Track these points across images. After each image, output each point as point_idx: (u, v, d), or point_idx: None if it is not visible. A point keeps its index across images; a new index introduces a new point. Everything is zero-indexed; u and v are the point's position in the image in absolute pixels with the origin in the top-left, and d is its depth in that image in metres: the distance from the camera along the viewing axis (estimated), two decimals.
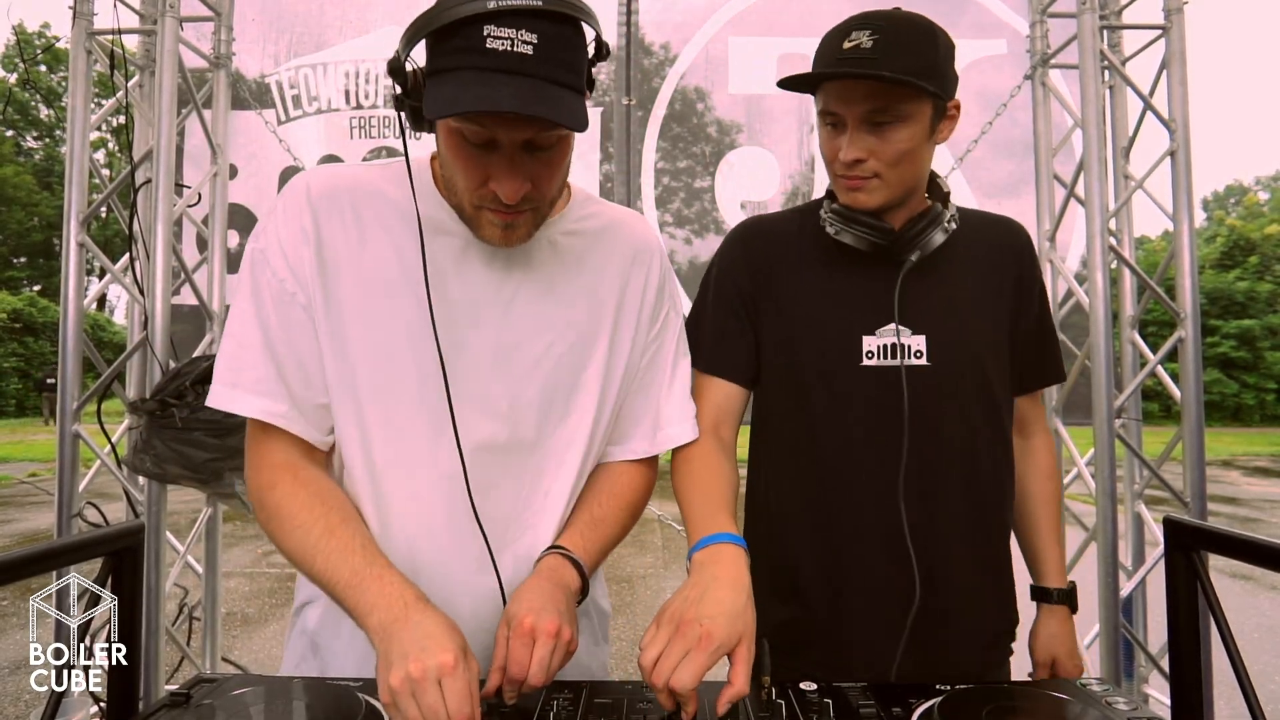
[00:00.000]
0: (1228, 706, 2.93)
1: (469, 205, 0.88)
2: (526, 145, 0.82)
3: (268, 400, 0.90)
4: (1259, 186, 54.68)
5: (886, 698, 0.85)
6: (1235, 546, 0.75)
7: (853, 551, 1.10)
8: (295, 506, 0.88)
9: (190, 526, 2.64)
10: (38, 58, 27.66)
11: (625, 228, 1.05)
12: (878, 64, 0.96)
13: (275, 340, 0.90)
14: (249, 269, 0.91)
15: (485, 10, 0.73)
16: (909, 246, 1.07)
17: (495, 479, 0.95)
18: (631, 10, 2.80)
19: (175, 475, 2.22)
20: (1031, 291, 1.17)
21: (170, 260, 2.27)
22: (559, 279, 0.97)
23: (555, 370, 0.96)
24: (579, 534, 0.99)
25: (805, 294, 1.13)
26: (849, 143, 1.02)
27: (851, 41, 0.98)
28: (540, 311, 0.95)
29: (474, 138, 0.81)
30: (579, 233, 1.00)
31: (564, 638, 0.83)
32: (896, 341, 1.08)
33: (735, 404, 1.16)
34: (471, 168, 0.84)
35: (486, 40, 0.74)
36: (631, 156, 2.82)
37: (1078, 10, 2.33)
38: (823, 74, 1.00)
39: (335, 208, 0.91)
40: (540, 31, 0.75)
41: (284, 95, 2.81)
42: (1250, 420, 24.74)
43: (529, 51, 0.74)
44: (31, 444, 15.12)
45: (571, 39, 0.79)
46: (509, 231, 0.88)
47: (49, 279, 31.21)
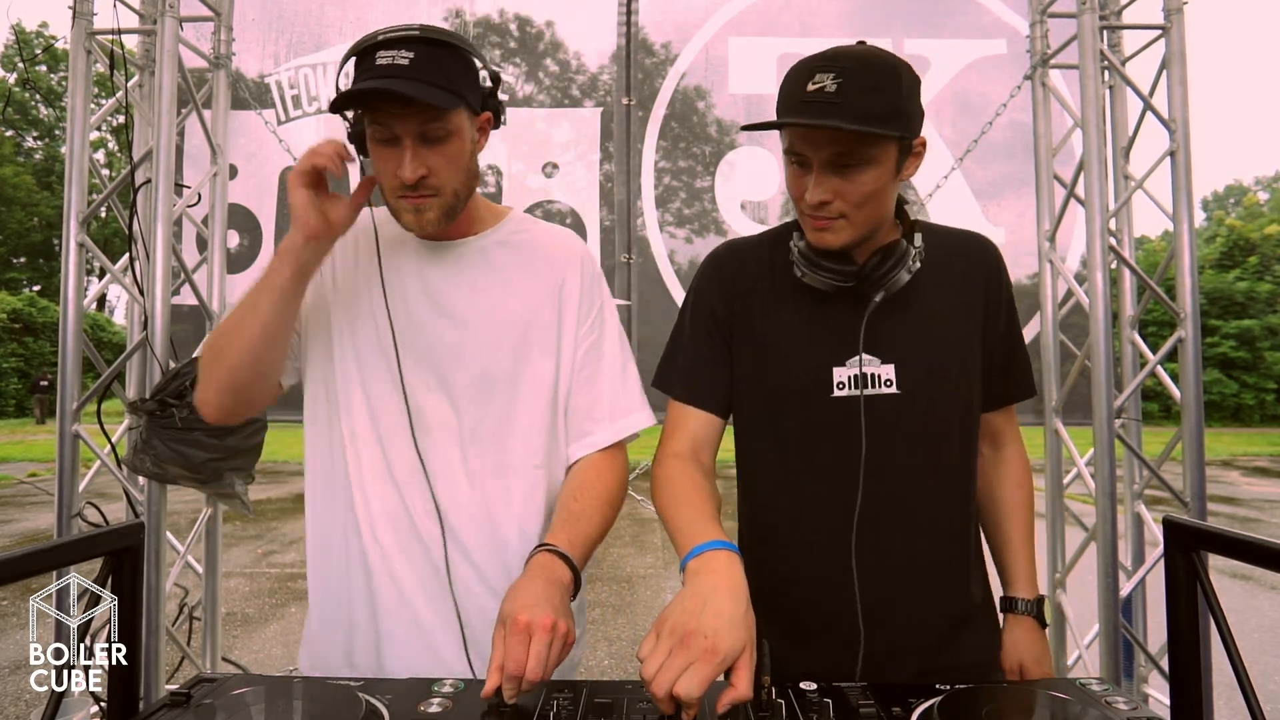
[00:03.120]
0: (1227, 706, 2.93)
1: (391, 199, 1.06)
2: (421, 137, 1.01)
3: None
4: (1259, 187, 54.72)
5: (886, 697, 0.85)
6: (1235, 546, 0.75)
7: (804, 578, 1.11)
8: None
9: (190, 526, 2.63)
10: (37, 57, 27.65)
11: (553, 238, 1.21)
12: (841, 110, 0.94)
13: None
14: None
15: (376, 41, 0.99)
16: (874, 287, 1.07)
17: (451, 458, 1.09)
18: (631, 10, 2.81)
19: (175, 475, 2.22)
20: (999, 308, 1.16)
21: (170, 260, 2.27)
22: (481, 282, 1.14)
23: (493, 359, 1.11)
24: (563, 530, 1.03)
25: (777, 325, 1.14)
26: (814, 185, 1.01)
27: (815, 84, 0.95)
28: (468, 307, 1.12)
29: (379, 135, 1.02)
30: (509, 244, 1.17)
31: (560, 631, 0.86)
32: (862, 372, 1.08)
33: (712, 432, 1.17)
34: (385, 162, 1.03)
35: (377, 60, 0.98)
36: (631, 156, 2.82)
37: (1078, 10, 2.33)
38: (785, 123, 0.98)
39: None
40: (416, 51, 0.98)
41: (284, 95, 2.81)
42: (1250, 420, 24.75)
43: (405, 63, 0.97)
44: (31, 444, 15.13)
45: (444, 57, 1.00)
46: (419, 215, 1.05)
47: (49, 279, 31.22)
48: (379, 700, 0.83)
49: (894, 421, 1.08)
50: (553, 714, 0.81)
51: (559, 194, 2.82)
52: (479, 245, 1.16)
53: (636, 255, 2.81)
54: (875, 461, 1.07)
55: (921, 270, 1.09)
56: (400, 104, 0.98)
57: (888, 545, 1.08)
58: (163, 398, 2.18)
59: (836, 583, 1.08)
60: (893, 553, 1.08)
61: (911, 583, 1.09)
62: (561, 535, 1.02)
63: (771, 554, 1.14)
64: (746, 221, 2.83)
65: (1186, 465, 2.33)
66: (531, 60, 2.88)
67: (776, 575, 1.12)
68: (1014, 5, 2.75)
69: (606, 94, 2.85)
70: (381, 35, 0.98)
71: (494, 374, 1.11)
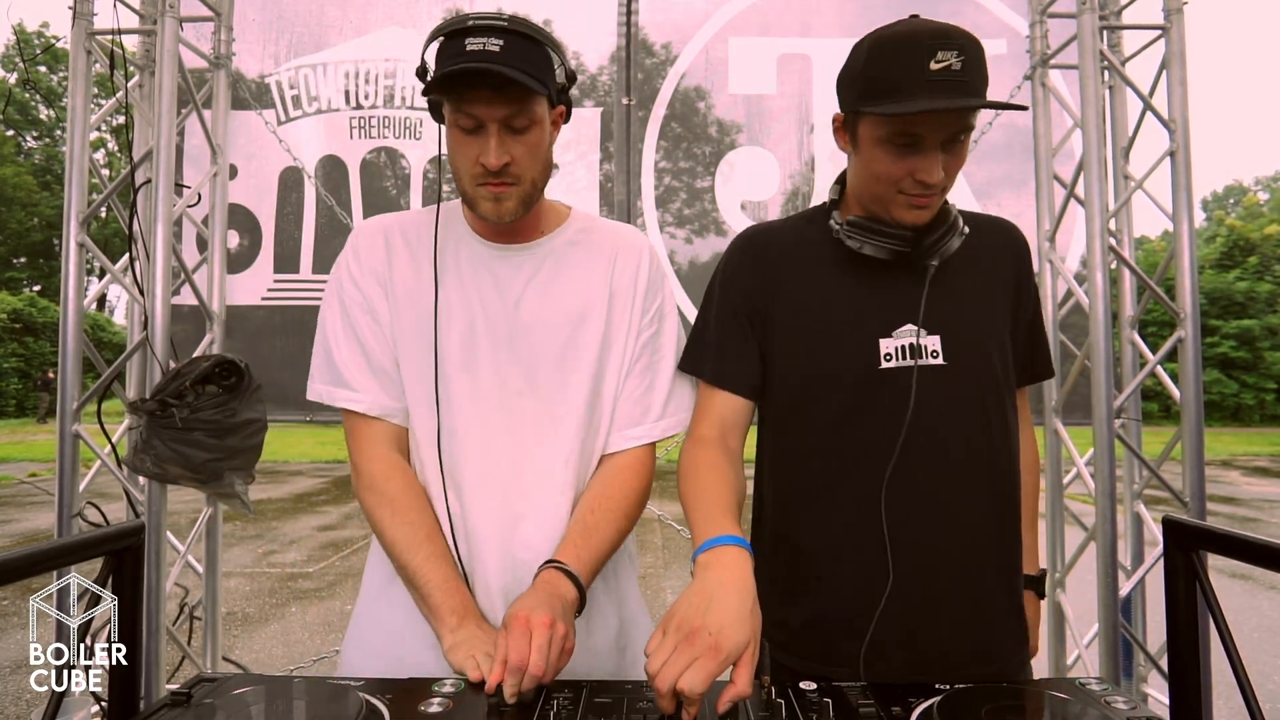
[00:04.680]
0: (1227, 706, 2.93)
1: (469, 186, 1.06)
2: (505, 126, 1.01)
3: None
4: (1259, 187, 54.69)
5: (886, 697, 0.85)
6: (1235, 546, 0.76)
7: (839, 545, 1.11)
8: (408, 502, 1.07)
9: (190, 526, 2.64)
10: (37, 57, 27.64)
11: (616, 233, 1.21)
12: (969, 88, 0.95)
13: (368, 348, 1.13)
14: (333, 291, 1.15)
15: (465, 26, 0.99)
16: (929, 253, 1.08)
17: (482, 431, 1.10)
18: (631, 10, 2.81)
19: (175, 475, 2.22)
20: (1028, 289, 1.19)
21: (170, 260, 2.27)
22: (558, 279, 1.14)
23: (558, 350, 1.12)
24: (573, 546, 1.04)
25: (818, 300, 1.13)
26: (933, 163, 1.00)
27: (940, 62, 0.95)
28: (542, 306, 1.12)
29: (464, 124, 1.02)
30: (576, 243, 1.17)
31: (559, 632, 0.88)
32: (915, 342, 1.08)
33: (741, 416, 1.16)
34: (466, 150, 1.03)
35: (466, 45, 0.98)
36: (632, 156, 2.82)
37: (1077, 10, 2.33)
38: (929, 107, 0.95)
39: (390, 243, 1.15)
40: (505, 39, 0.98)
41: (284, 95, 2.81)
42: (1250, 420, 24.75)
43: (497, 49, 0.97)
44: (31, 444, 15.12)
45: (531, 50, 1.01)
46: (499, 204, 1.05)
47: (49, 279, 31.21)
48: (379, 700, 0.83)
49: (941, 392, 1.08)
50: (553, 714, 0.81)
51: (559, 194, 2.80)
52: (549, 247, 1.16)
53: None
54: (919, 433, 1.07)
55: (959, 248, 1.11)
56: (493, 88, 0.98)
57: (926, 522, 1.08)
58: (163, 398, 2.18)
59: (868, 564, 1.07)
60: (929, 535, 1.07)
61: (947, 568, 1.08)
62: (571, 551, 1.03)
63: (801, 524, 1.14)
64: (747, 221, 2.83)
65: (1186, 465, 2.33)
66: None
67: (805, 545, 1.13)
68: (1014, 5, 2.75)
69: (606, 94, 2.85)
70: (471, 20, 0.99)
71: (554, 363, 1.13)
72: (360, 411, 1.11)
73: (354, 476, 1.12)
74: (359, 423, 1.12)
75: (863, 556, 1.08)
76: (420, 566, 1.02)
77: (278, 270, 2.80)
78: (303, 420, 2.81)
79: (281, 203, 2.81)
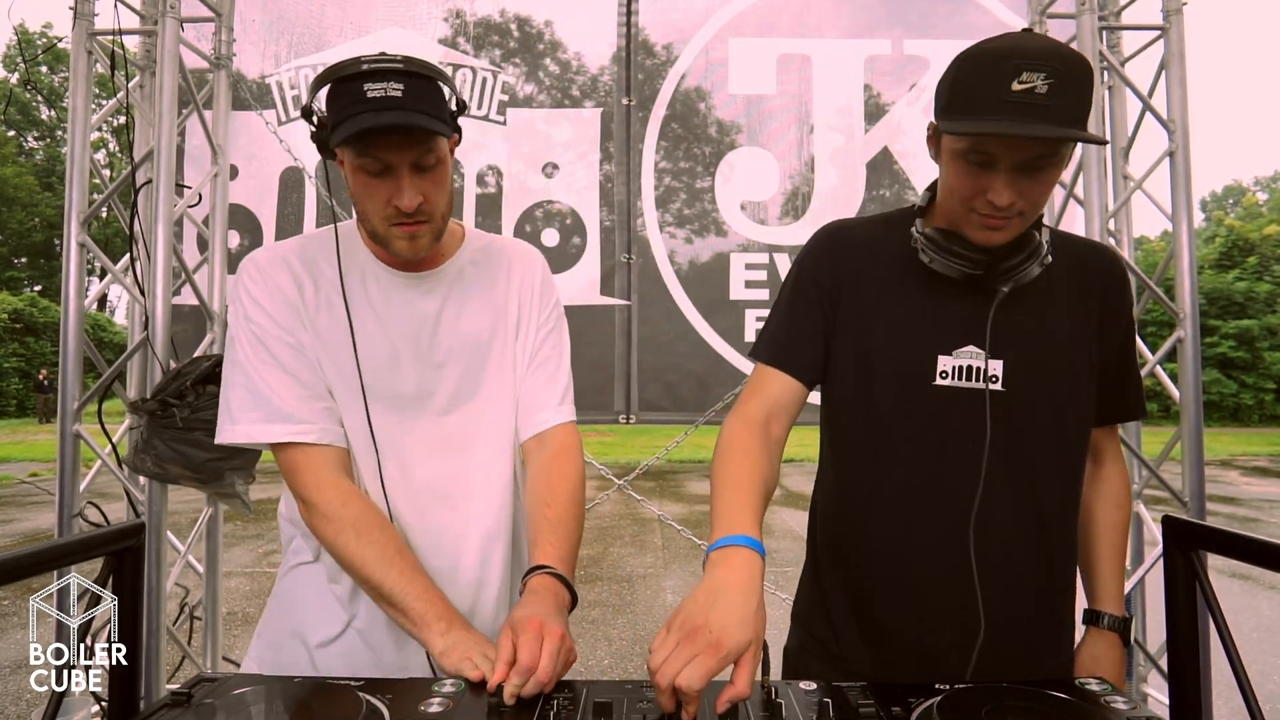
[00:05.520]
0: (1227, 706, 2.93)
1: (380, 227, 1.07)
2: (414, 167, 1.03)
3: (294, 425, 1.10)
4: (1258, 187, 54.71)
5: (886, 697, 0.85)
6: (1234, 546, 0.76)
7: (916, 573, 1.10)
8: (370, 522, 1.06)
9: (191, 526, 2.64)
10: (39, 58, 27.65)
11: (509, 247, 1.27)
12: (1055, 114, 0.90)
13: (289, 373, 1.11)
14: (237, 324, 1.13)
15: (361, 71, 0.99)
16: (1002, 278, 1.05)
17: (423, 451, 1.15)
18: (631, 11, 2.81)
19: (176, 475, 2.22)
20: (1116, 321, 1.12)
21: (171, 260, 2.28)
22: (467, 299, 1.19)
23: (477, 366, 1.18)
24: (550, 546, 1.07)
25: (887, 307, 1.12)
26: (1004, 186, 0.97)
27: (1023, 84, 0.90)
28: (457, 326, 1.17)
29: (372, 168, 1.03)
30: (477, 262, 1.22)
31: (567, 644, 0.91)
32: (973, 364, 1.06)
33: (792, 400, 1.14)
34: (375, 192, 1.05)
35: (367, 92, 0.98)
36: (632, 156, 2.82)
37: (1077, 11, 2.33)
38: (1007, 132, 0.91)
39: (294, 272, 1.14)
40: (404, 83, 0.99)
41: (284, 96, 2.81)
42: (1249, 420, 24.75)
43: (399, 94, 0.98)
44: (32, 444, 15.12)
45: (428, 90, 1.03)
46: (414, 241, 1.08)
47: (50, 279, 31.22)
48: (379, 700, 0.83)
49: (999, 418, 1.06)
50: (553, 714, 0.82)
51: (559, 194, 2.82)
52: (456, 267, 1.20)
53: (636, 255, 2.81)
54: (969, 456, 1.05)
55: (1041, 271, 1.07)
56: (401, 134, 1.00)
57: (968, 541, 1.06)
58: (164, 398, 2.19)
59: (954, 575, 1.07)
60: (970, 548, 1.06)
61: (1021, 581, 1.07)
62: (551, 551, 1.06)
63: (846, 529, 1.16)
64: (747, 221, 2.83)
65: (1186, 465, 2.33)
66: (531, 60, 2.88)
67: (849, 539, 1.15)
68: (1014, 6, 2.75)
69: (607, 94, 2.85)
70: (366, 64, 0.98)
71: (467, 375, 1.18)
72: (310, 442, 1.08)
73: (304, 511, 1.09)
74: (298, 454, 1.09)
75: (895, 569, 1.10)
76: (396, 581, 1.02)
77: None
78: None
79: (282, 203, 2.81)
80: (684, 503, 9.54)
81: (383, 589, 1.02)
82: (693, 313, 2.82)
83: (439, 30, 2.85)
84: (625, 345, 2.79)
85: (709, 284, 2.82)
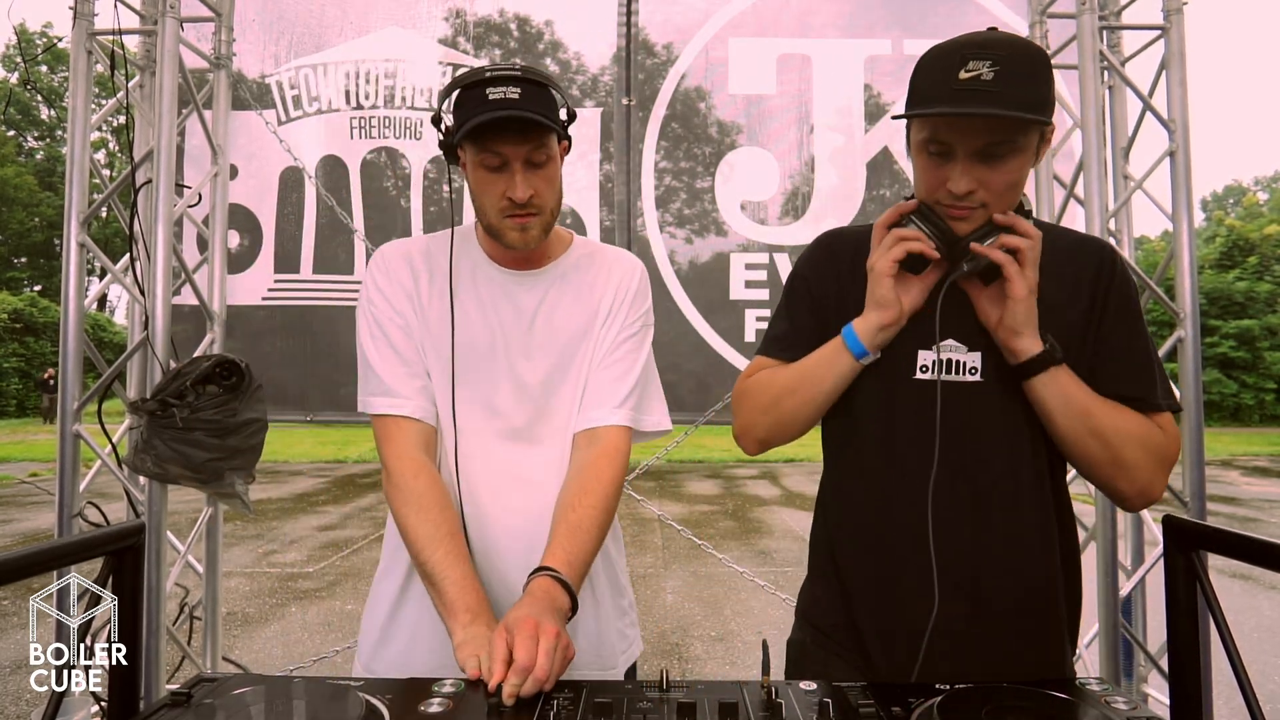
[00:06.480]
0: (1227, 706, 2.93)
1: (495, 219, 1.16)
2: (527, 163, 1.12)
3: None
4: (1258, 187, 54.73)
5: (886, 697, 0.85)
6: (1235, 546, 0.76)
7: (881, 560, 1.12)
8: (433, 499, 1.12)
9: (191, 526, 2.64)
10: (39, 58, 27.65)
11: (613, 255, 1.33)
12: (998, 98, 0.93)
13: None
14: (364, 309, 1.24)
15: (484, 78, 1.09)
16: (964, 254, 1.05)
17: (503, 438, 1.22)
18: (632, 11, 2.81)
19: (176, 475, 2.22)
20: (1107, 308, 1.10)
21: (170, 260, 2.28)
22: (564, 299, 1.25)
23: (564, 363, 1.23)
24: (562, 549, 1.07)
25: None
26: (960, 174, 1.00)
27: (970, 71, 0.94)
28: (550, 324, 1.24)
29: (490, 162, 1.12)
30: (580, 266, 1.28)
31: (563, 642, 0.91)
32: (954, 358, 1.09)
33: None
34: (491, 187, 1.14)
35: (489, 95, 1.08)
36: (632, 156, 2.82)
37: (1077, 11, 2.33)
38: (950, 111, 0.95)
39: (413, 266, 1.24)
40: (522, 88, 1.09)
41: (284, 96, 2.81)
42: (1249, 420, 24.74)
43: (517, 97, 1.08)
44: (32, 444, 15.13)
45: (542, 94, 1.12)
46: (525, 233, 1.16)
47: (50, 279, 31.23)
48: (379, 700, 0.83)
49: (976, 409, 1.08)
50: (553, 714, 0.82)
51: None
52: (559, 272, 1.26)
53: (636, 255, 2.81)
54: (953, 447, 1.07)
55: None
56: (517, 130, 1.09)
57: (960, 531, 1.07)
58: (163, 398, 2.19)
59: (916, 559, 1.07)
60: (964, 540, 1.07)
61: (987, 582, 1.07)
62: (560, 554, 1.06)
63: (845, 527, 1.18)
64: (747, 222, 2.83)
65: (1186, 465, 2.33)
66: (531, 60, 2.88)
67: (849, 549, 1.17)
68: (1014, 6, 2.75)
69: (607, 94, 2.85)
70: (489, 72, 1.10)
71: (551, 382, 1.23)
72: (403, 415, 1.17)
73: (384, 476, 1.17)
74: (390, 425, 1.18)
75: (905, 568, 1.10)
76: (440, 562, 1.05)
77: (278, 270, 2.80)
78: (303, 420, 2.81)
79: (282, 203, 2.81)
80: (684, 503, 9.54)
81: (426, 566, 1.06)
82: (693, 313, 2.82)
83: (439, 30, 2.85)
84: None
85: (709, 284, 2.83)
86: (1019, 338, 1.04)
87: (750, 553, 6.61)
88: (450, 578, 1.04)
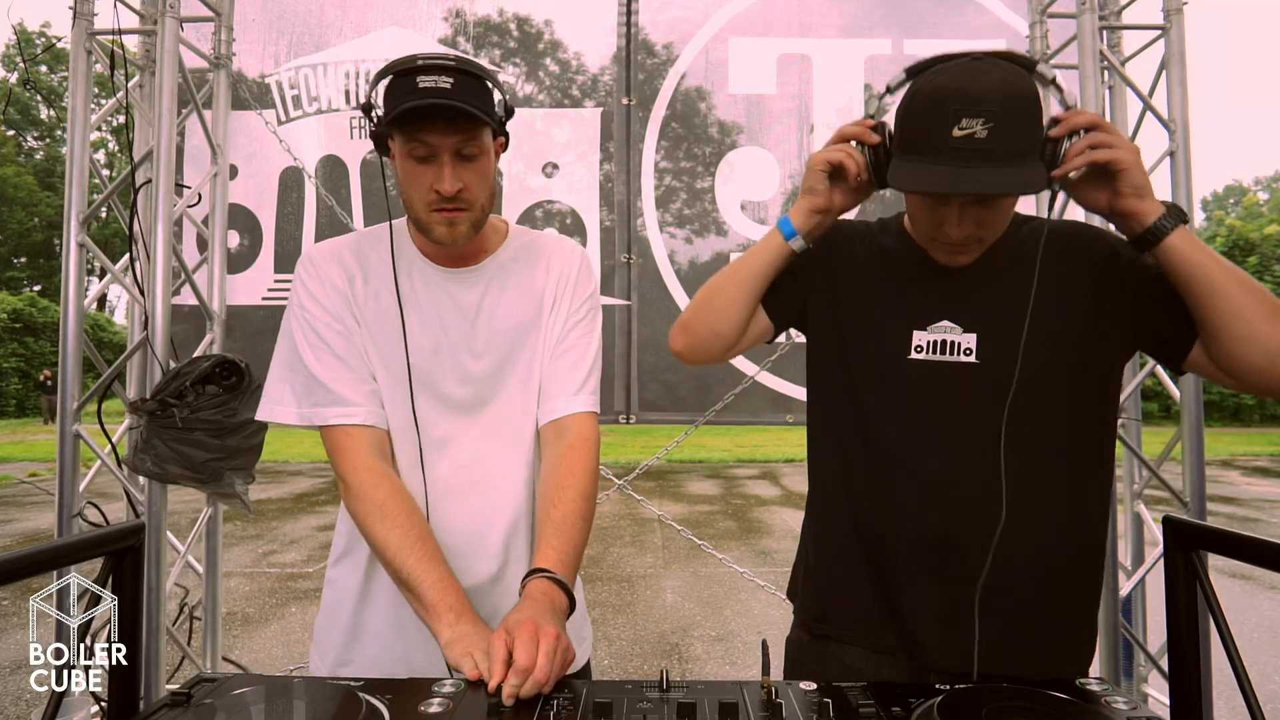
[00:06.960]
0: (1227, 706, 2.93)
1: (422, 212, 1.12)
2: (457, 155, 1.08)
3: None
4: (1258, 187, 54.74)
5: (886, 697, 0.85)
6: (1235, 546, 0.76)
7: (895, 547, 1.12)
8: (397, 506, 1.09)
9: (190, 526, 2.64)
10: (38, 57, 27.65)
11: (551, 243, 1.30)
12: (996, 155, 0.95)
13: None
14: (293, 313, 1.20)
15: (415, 65, 1.05)
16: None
17: (458, 438, 1.19)
18: (632, 10, 2.81)
19: (175, 475, 2.22)
20: (1123, 271, 1.08)
21: (170, 260, 2.28)
22: (505, 293, 1.22)
23: (512, 359, 1.21)
24: (552, 548, 1.07)
25: (866, 284, 1.19)
26: (958, 221, 1.04)
27: (964, 130, 0.95)
28: (493, 320, 1.21)
29: (417, 152, 1.08)
30: (518, 258, 1.26)
31: (563, 644, 0.91)
32: (948, 338, 1.11)
33: (760, 327, 1.23)
34: (419, 179, 1.10)
35: (419, 83, 1.04)
36: (632, 156, 2.82)
37: (1077, 11, 2.33)
38: (948, 194, 0.98)
39: (346, 267, 1.20)
40: (455, 78, 1.05)
41: (284, 95, 2.81)
42: (1250, 420, 24.74)
43: (448, 86, 1.04)
44: (32, 444, 15.13)
45: (476, 86, 1.08)
46: (452, 228, 1.12)
47: (49, 279, 31.23)
48: (379, 700, 0.83)
49: (971, 390, 1.09)
50: (553, 714, 0.82)
51: (559, 194, 2.82)
52: (498, 263, 1.23)
53: (636, 255, 2.81)
54: (949, 429, 1.09)
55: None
56: (446, 120, 1.05)
57: (957, 512, 1.08)
58: (163, 398, 2.19)
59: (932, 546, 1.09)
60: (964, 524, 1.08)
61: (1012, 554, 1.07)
62: (551, 554, 1.06)
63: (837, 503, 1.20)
64: (747, 222, 2.83)
65: (1186, 465, 2.33)
66: (531, 60, 2.88)
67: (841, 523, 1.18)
68: (1014, 6, 2.75)
69: (607, 94, 2.85)
70: (421, 60, 1.06)
71: (500, 378, 1.21)
72: (355, 423, 1.13)
73: (342, 489, 1.14)
74: (340, 435, 1.14)
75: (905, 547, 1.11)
76: (414, 567, 1.04)
77: (278, 270, 2.80)
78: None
79: (282, 203, 2.81)
80: (684, 503, 9.54)
81: (401, 573, 1.05)
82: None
83: (439, 30, 2.85)
84: (625, 345, 2.79)
85: None
86: (1143, 199, 1.01)
87: (750, 553, 6.61)
88: (427, 581, 1.02)
